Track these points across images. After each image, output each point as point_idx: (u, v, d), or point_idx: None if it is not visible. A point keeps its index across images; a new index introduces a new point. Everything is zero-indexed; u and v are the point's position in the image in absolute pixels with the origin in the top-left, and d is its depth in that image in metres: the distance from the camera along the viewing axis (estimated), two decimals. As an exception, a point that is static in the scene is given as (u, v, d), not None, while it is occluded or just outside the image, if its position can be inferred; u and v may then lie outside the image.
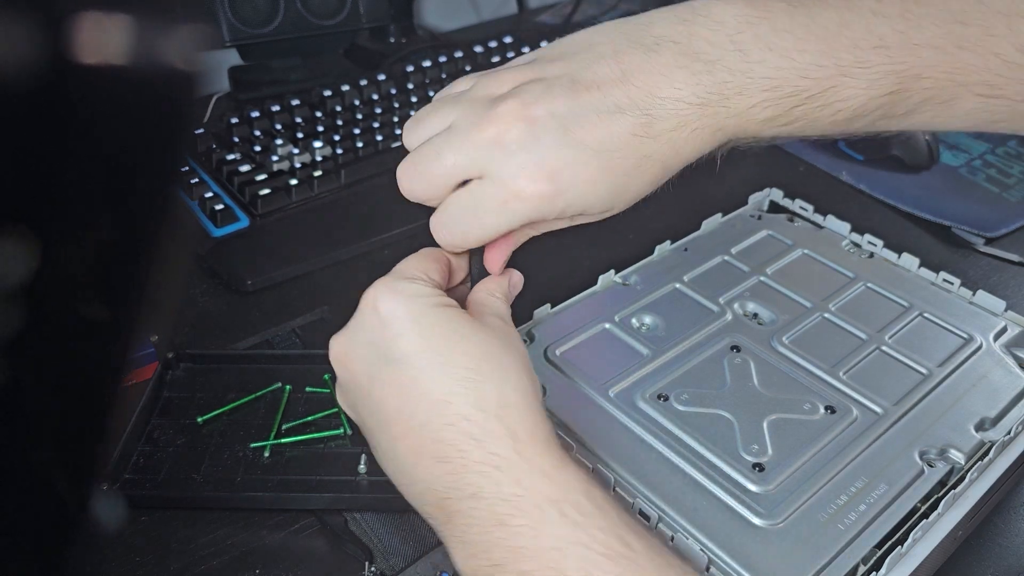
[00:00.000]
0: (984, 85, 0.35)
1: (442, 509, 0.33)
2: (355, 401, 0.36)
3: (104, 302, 0.18)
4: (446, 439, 0.32)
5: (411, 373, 0.33)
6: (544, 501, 0.31)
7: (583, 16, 1.02)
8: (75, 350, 0.18)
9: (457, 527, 0.32)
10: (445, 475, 0.32)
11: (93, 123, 0.16)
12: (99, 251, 0.17)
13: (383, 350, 0.34)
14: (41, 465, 0.18)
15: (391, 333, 0.34)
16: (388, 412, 0.34)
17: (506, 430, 0.32)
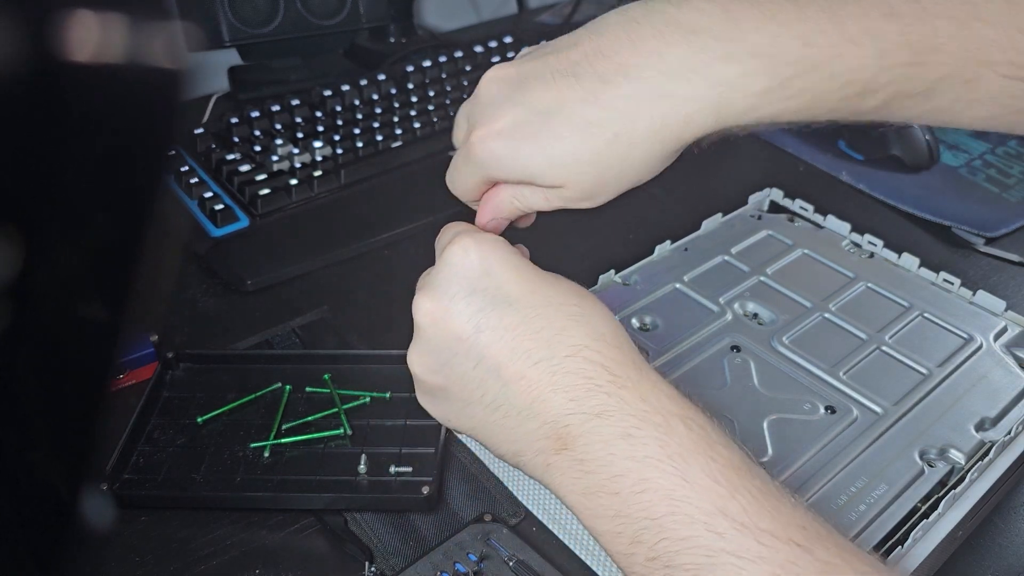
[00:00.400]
0: (1009, 64, 0.33)
1: (558, 438, 0.33)
2: (449, 356, 0.36)
3: (99, 301, 0.18)
4: (570, 368, 0.33)
5: (523, 313, 0.35)
6: (670, 415, 0.32)
7: (583, 16, 1.02)
8: (73, 350, 0.18)
9: (575, 450, 0.33)
10: (567, 402, 0.33)
11: (87, 121, 0.16)
12: (93, 250, 0.17)
13: (488, 297, 0.35)
14: (40, 465, 0.18)
15: (494, 280, 0.35)
16: (499, 356, 0.34)
17: (626, 357, 0.34)
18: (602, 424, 0.32)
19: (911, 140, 0.73)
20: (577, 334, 0.34)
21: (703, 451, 0.31)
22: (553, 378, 0.34)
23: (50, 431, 0.18)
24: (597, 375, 0.33)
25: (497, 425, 0.35)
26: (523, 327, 0.34)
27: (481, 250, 0.36)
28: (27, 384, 0.17)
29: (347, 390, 0.50)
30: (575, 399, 0.33)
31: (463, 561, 0.41)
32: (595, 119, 0.34)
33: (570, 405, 0.33)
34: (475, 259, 0.36)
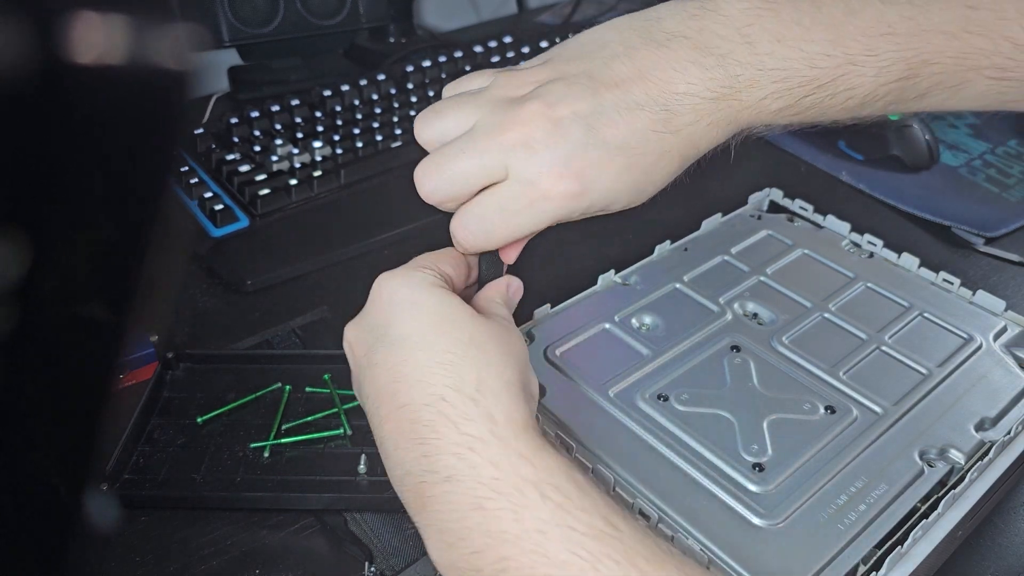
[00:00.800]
0: (995, 68, 0.35)
1: (418, 495, 0.32)
2: (358, 385, 0.36)
3: (100, 301, 0.18)
4: (423, 419, 0.32)
5: (401, 354, 0.34)
6: (524, 483, 0.30)
7: (583, 16, 1.02)
8: (73, 350, 0.18)
9: (433, 514, 0.32)
10: (421, 457, 0.32)
11: (89, 121, 0.16)
12: (94, 250, 0.17)
13: (380, 332, 0.35)
14: (40, 465, 0.18)
15: (388, 316, 0.35)
16: (379, 393, 0.34)
17: (482, 412, 0.32)
18: (453, 490, 0.31)
19: (911, 140, 0.73)
20: (437, 383, 0.33)
21: (561, 521, 0.30)
22: (412, 427, 0.33)
23: (51, 431, 0.18)
24: (447, 432, 0.32)
25: (384, 458, 0.35)
26: (399, 368, 0.34)
27: (389, 289, 0.36)
28: (27, 384, 0.17)
29: (347, 390, 0.50)
30: (427, 455, 0.32)
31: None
32: (667, 147, 0.35)
33: (423, 461, 0.32)
34: (385, 295, 0.36)
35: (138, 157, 0.17)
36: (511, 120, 0.35)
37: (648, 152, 0.35)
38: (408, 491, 0.33)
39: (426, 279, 0.36)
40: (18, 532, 0.19)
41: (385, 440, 0.34)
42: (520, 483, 0.30)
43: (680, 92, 0.35)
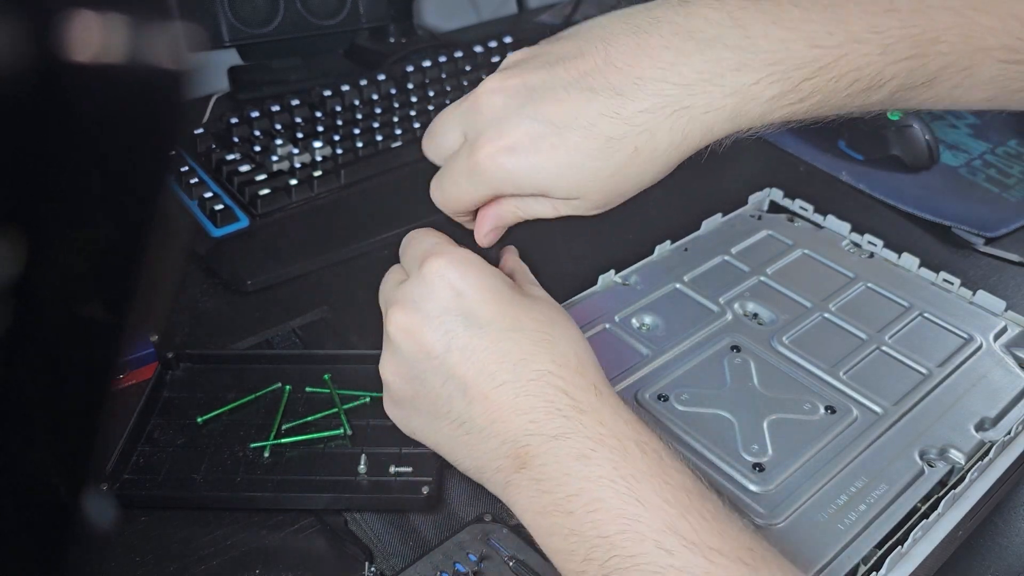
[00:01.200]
0: (1004, 49, 0.33)
1: (517, 458, 0.34)
2: (420, 370, 0.36)
3: (100, 301, 0.18)
4: (532, 391, 0.34)
5: (491, 337, 0.35)
6: (627, 439, 0.33)
7: (583, 16, 1.02)
8: (72, 350, 0.18)
9: (533, 469, 0.34)
10: (527, 423, 0.34)
11: (88, 121, 0.16)
12: (95, 250, 0.17)
13: (460, 318, 0.36)
14: (40, 465, 0.18)
15: (468, 302, 0.36)
16: (466, 377, 0.35)
17: (588, 383, 0.35)
18: (559, 445, 0.33)
19: (911, 140, 0.73)
20: (542, 359, 0.35)
21: (656, 474, 0.32)
22: (515, 400, 0.35)
23: (51, 431, 0.18)
24: (558, 399, 0.34)
25: (460, 441, 0.36)
26: (491, 350, 0.35)
27: (458, 271, 0.36)
28: (27, 384, 0.17)
29: (347, 390, 0.50)
30: (535, 421, 0.34)
31: (463, 561, 0.41)
32: (616, 134, 0.34)
33: (530, 427, 0.34)
34: (452, 279, 0.36)
35: (136, 156, 0.17)
36: (475, 91, 0.36)
37: (592, 136, 0.34)
38: (504, 457, 0.35)
39: (484, 263, 0.38)
40: (18, 532, 0.19)
41: (476, 417, 0.35)
42: (624, 439, 0.33)
43: (642, 77, 0.33)
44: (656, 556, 0.30)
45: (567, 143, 0.34)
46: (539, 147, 0.34)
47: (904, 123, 0.73)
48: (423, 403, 0.37)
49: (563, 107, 0.34)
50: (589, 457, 0.33)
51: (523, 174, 0.35)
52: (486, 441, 0.35)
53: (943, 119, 0.82)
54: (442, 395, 0.36)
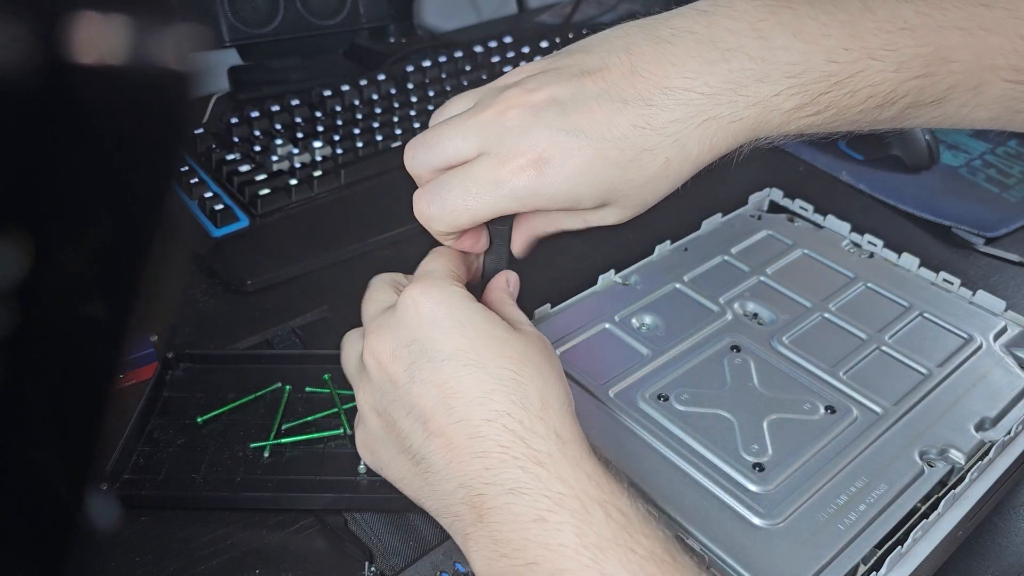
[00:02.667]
0: (1010, 69, 0.34)
1: (473, 507, 0.32)
2: (388, 401, 0.35)
3: (101, 301, 0.18)
4: (487, 434, 0.32)
5: (453, 371, 0.34)
6: (590, 500, 0.31)
7: (583, 16, 1.02)
8: (73, 350, 0.18)
9: (489, 525, 0.32)
10: (483, 470, 0.32)
11: (89, 122, 0.16)
12: (96, 250, 0.17)
13: (425, 349, 0.34)
14: (40, 465, 0.18)
15: (434, 333, 0.34)
16: (425, 409, 0.34)
17: (550, 429, 0.33)
18: (515, 502, 0.31)
19: (911, 140, 0.73)
20: (501, 399, 0.33)
21: (622, 542, 0.30)
22: (471, 442, 0.33)
23: (51, 431, 0.18)
24: (513, 446, 0.32)
25: (420, 479, 0.35)
26: (452, 384, 0.34)
27: (431, 301, 0.35)
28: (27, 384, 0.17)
29: (347, 390, 0.50)
30: (489, 468, 0.32)
31: (463, 561, 0.41)
32: (648, 145, 0.34)
33: (485, 474, 0.32)
34: (423, 309, 0.35)
35: (140, 157, 0.17)
36: (492, 101, 0.35)
37: (625, 148, 0.34)
38: (460, 504, 0.33)
39: (462, 294, 0.36)
40: (18, 532, 0.19)
41: (433, 454, 0.34)
42: (586, 500, 0.31)
43: (671, 87, 0.33)
44: None
45: (601, 155, 0.34)
46: (571, 159, 0.34)
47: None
48: (389, 435, 0.36)
49: (594, 119, 0.34)
50: (547, 520, 0.31)
51: (555, 187, 0.34)
52: (444, 482, 0.34)
53: (943, 119, 0.82)
54: (404, 428, 0.35)
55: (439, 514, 0.35)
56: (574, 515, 0.30)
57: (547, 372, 0.35)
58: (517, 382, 0.33)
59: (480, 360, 0.34)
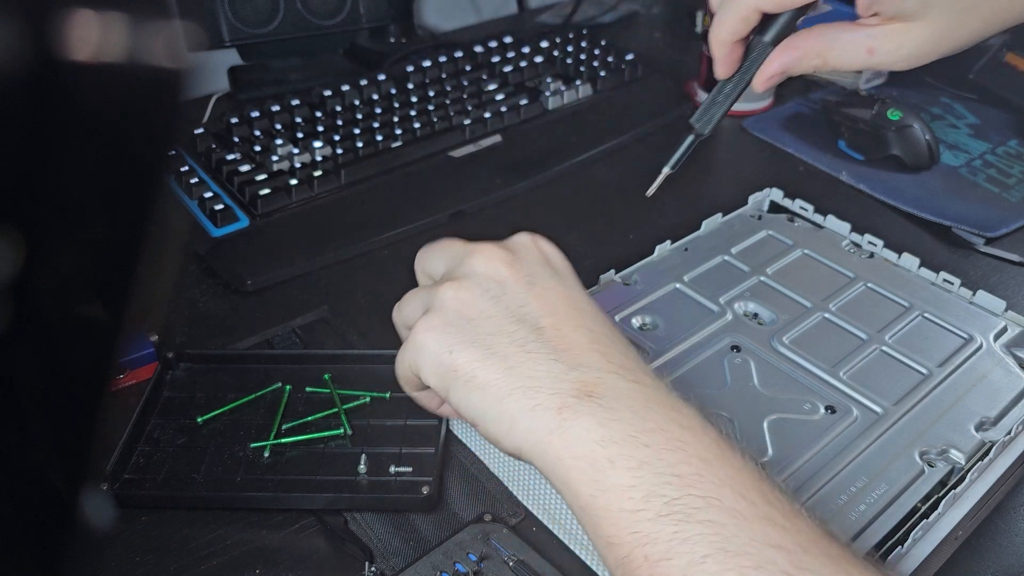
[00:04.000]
0: None
1: (585, 384, 0.33)
2: (498, 293, 0.37)
3: (100, 301, 0.18)
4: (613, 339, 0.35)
5: (574, 291, 0.38)
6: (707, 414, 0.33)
7: (583, 16, 1.02)
8: (72, 350, 0.18)
9: (605, 398, 0.32)
10: (607, 363, 0.34)
11: (86, 121, 0.16)
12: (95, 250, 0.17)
13: (547, 266, 0.38)
14: (40, 465, 0.18)
15: (554, 262, 0.39)
16: (543, 309, 0.36)
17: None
18: (641, 389, 0.32)
19: (911, 140, 0.73)
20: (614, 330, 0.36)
21: (737, 447, 0.32)
22: (594, 343, 0.34)
23: (51, 431, 0.18)
24: (637, 360, 0.35)
25: (516, 358, 0.34)
26: (571, 299, 0.37)
27: (546, 243, 0.40)
28: (27, 384, 0.17)
29: (347, 390, 0.50)
30: (613, 363, 0.33)
31: (463, 561, 0.41)
32: None
33: (608, 365, 0.33)
34: (544, 247, 0.40)
35: (135, 156, 0.17)
36: None
37: None
38: (568, 382, 0.33)
39: None
40: (18, 532, 0.19)
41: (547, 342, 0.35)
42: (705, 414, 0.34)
43: None
44: (734, 501, 0.29)
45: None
46: None
47: (904, 123, 0.73)
48: (484, 321, 0.36)
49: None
50: (674, 408, 0.32)
51: None
52: (551, 363, 0.33)
53: (943, 119, 0.82)
54: (514, 316, 0.35)
55: (530, 388, 0.33)
56: (699, 411, 0.33)
57: None
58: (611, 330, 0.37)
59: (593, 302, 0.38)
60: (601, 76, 0.83)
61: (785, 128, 0.80)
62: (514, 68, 0.83)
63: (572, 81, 0.82)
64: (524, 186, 0.71)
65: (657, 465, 0.30)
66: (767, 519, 0.28)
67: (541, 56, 0.86)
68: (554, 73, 0.85)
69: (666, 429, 0.31)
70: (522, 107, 0.78)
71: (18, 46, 0.14)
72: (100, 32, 0.15)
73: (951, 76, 0.88)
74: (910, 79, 0.88)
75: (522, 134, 0.76)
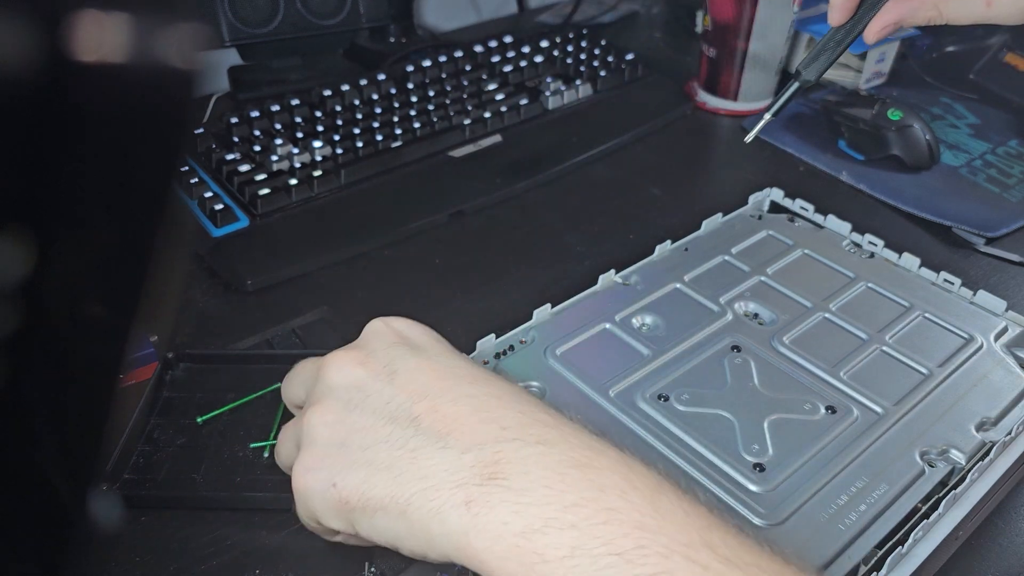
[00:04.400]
0: None
1: (487, 466, 0.29)
2: (359, 401, 0.34)
3: (102, 302, 0.18)
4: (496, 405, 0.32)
5: (442, 361, 0.34)
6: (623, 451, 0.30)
7: (583, 16, 1.02)
8: (74, 350, 0.18)
9: (512, 478, 0.29)
10: (498, 430, 0.30)
11: (92, 122, 0.16)
12: (97, 251, 0.17)
13: (407, 348, 0.35)
14: (40, 465, 0.18)
15: (414, 339, 0.36)
16: (413, 393, 0.33)
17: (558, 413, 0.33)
18: (547, 451, 0.29)
19: (911, 140, 0.73)
20: (501, 383, 0.33)
21: (668, 488, 0.29)
22: (478, 412, 0.31)
23: (51, 431, 0.18)
24: (531, 411, 0.31)
25: (403, 461, 0.31)
26: (441, 372, 0.33)
27: (397, 321, 0.37)
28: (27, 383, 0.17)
29: (347, 390, 0.50)
30: (506, 428, 0.30)
31: (463, 561, 0.41)
32: None
33: (501, 433, 0.30)
34: (395, 326, 0.37)
35: (142, 157, 0.17)
36: None
37: None
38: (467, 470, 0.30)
39: None
40: (18, 532, 0.19)
41: (427, 431, 0.31)
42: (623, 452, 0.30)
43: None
44: (687, 570, 0.26)
45: None
46: None
47: (904, 123, 0.73)
48: (355, 437, 0.33)
49: None
50: (589, 466, 0.28)
51: None
52: (441, 453, 0.30)
53: (944, 119, 0.82)
54: (384, 418, 0.32)
55: (427, 490, 0.30)
56: (615, 462, 0.29)
57: None
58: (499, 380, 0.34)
59: (465, 361, 0.35)
60: (601, 76, 0.83)
61: (785, 128, 0.80)
62: (514, 68, 0.84)
63: (572, 81, 0.82)
64: (524, 186, 0.71)
65: (591, 546, 0.27)
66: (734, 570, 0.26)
67: (541, 56, 0.86)
68: (554, 73, 0.85)
69: (590, 499, 0.28)
70: (522, 107, 0.78)
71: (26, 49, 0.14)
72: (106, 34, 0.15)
73: (951, 76, 0.88)
74: (910, 79, 0.88)
75: (522, 134, 0.76)
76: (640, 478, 0.29)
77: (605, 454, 0.30)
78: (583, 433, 0.31)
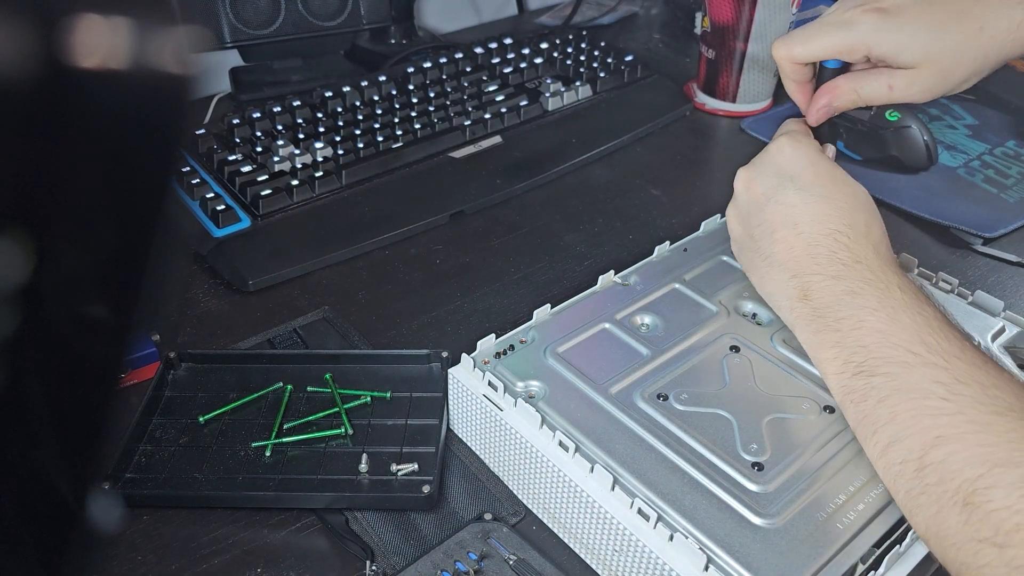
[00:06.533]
0: None
1: (802, 289, 0.44)
2: (747, 214, 0.48)
3: (103, 302, 0.18)
4: (823, 244, 0.44)
5: (803, 197, 0.46)
6: (890, 283, 0.42)
7: (583, 17, 1.02)
8: (76, 350, 0.18)
9: (813, 299, 0.43)
10: (814, 265, 0.44)
11: (92, 123, 0.16)
12: (98, 251, 0.17)
13: (785, 177, 0.47)
14: (43, 465, 0.19)
15: (795, 168, 0.47)
16: (776, 222, 0.46)
17: (869, 243, 0.44)
18: (836, 283, 0.43)
19: (909, 141, 0.73)
20: (837, 222, 0.44)
21: (912, 307, 0.40)
22: (808, 248, 0.44)
23: (53, 430, 0.18)
24: (840, 252, 0.43)
25: (764, 271, 0.47)
26: (800, 207, 0.45)
27: (792, 146, 0.48)
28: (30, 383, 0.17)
29: (348, 390, 0.50)
30: (820, 264, 0.44)
31: (463, 560, 0.41)
32: (968, 10, 0.45)
33: (815, 267, 0.44)
34: (786, 154, 0.47)
35: (142, 158, 0.17)
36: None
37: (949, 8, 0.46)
38: (792, 289, 0.44)
39: (816, 145, 0.48)
40: (20, 531, 0.19)
41: (777, 254, 0.46)
42: (889, 284, 0.42)
43: None
44: (905, 356, 0.38)
45: (929, 13, 0.45)
46: (906, 11, 0.45)
47: (902, 124, 0.73)
48: (748, 241, 0.48)
49: None
50: (858, 292, 0.41)
51: (888, 30, 0.45)
52: (780, 272, 0.45)
53: (941, 120, 0.82)
54: (759, 234, 0.47)
55: (772, 295, 0.47)
56: (877, 290, 0.41)
57: (870, 207, 0.46)
58: (848, 209, 0.45)
59: (826, 193, 0.45)
60: (601, 77, 0.83)
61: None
62: (514, 69, 0.84)
63: (572, 82, 0.82)
64: (524, 186, 0.72)
65: (847, 342, 0.41)
66: (930, 364, 0.37)
67: (541, 57, 0.86)
68: (554, 74, 0.85)
69: (851, 316, 0.41)
70: (522, 108, 0.78)
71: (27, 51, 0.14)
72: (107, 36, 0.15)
73: (950, 77, 0.88)
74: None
75: (522, 135, 0.77)
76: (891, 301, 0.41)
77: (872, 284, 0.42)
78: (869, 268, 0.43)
